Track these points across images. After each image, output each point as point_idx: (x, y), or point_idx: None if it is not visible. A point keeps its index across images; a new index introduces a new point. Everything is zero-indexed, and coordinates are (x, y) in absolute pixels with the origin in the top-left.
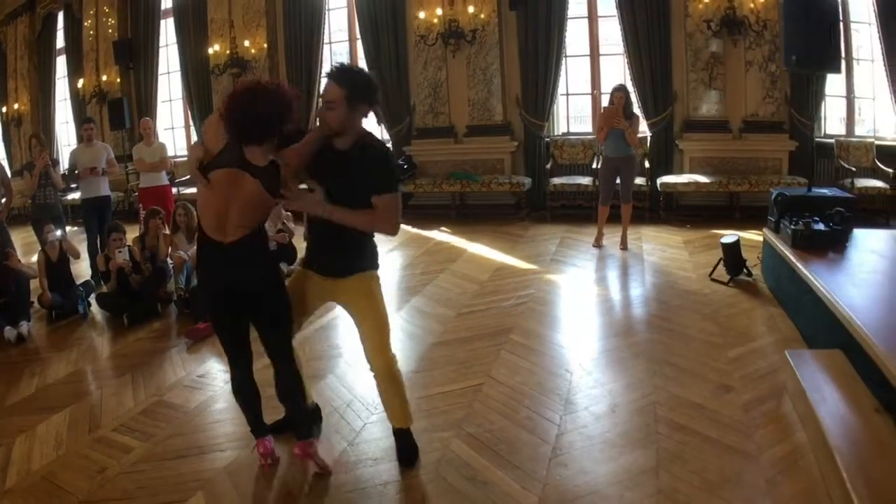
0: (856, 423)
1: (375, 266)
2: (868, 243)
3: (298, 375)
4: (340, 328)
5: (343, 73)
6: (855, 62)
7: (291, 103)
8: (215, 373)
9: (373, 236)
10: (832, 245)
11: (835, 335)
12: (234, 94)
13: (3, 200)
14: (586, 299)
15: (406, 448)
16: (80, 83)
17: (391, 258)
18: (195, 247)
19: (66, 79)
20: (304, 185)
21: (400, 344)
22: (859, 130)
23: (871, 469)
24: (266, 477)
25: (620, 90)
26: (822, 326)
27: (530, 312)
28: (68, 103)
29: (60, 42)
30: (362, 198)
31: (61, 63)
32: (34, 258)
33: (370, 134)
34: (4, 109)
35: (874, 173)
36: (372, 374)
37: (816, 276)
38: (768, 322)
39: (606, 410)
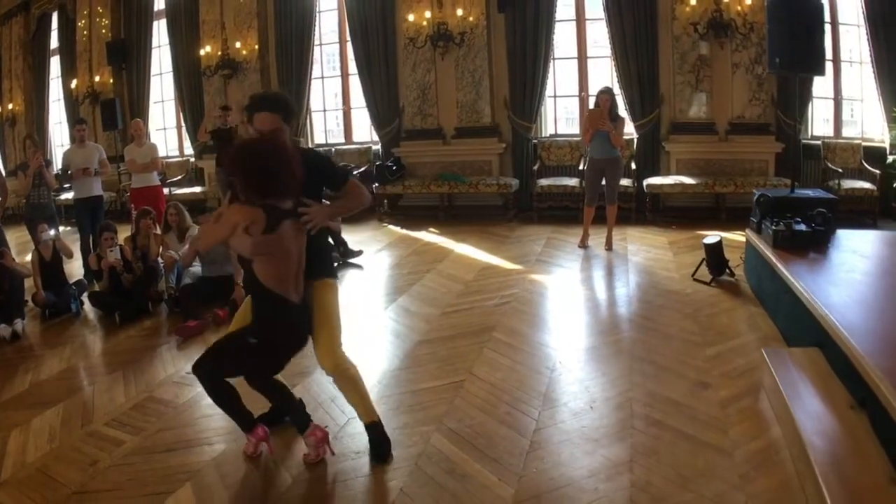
0: (830, 419)
1: (333, 275)
2: (850, 243)
3: (278, 380)
4: None
5: (271, 101)
6: (847, 64)
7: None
8: None
9: (328, 244)
10: (814, 245)
11: (813, 334)
12: (249, 157)
13: None
14: (570, 299)
15: (376, 441)
16: (74, 84)
17: (379, 258)
18: (186, 246)
19: (60, 79)
20: None
21: (386, 342)
22: (849, 132)
23: (845, 464)
24: (253, 469)
25: (606, 93)
26: (801, 325)
27: (513, 311)
28: (62, 104)
29: (54, 42)
30: (312, 198)
31: (55, 63)
32: (28, 257)
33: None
34: None
35: (861, 174)
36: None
37: (796, 275)
38: (749, 321)
39: (584, 406)
